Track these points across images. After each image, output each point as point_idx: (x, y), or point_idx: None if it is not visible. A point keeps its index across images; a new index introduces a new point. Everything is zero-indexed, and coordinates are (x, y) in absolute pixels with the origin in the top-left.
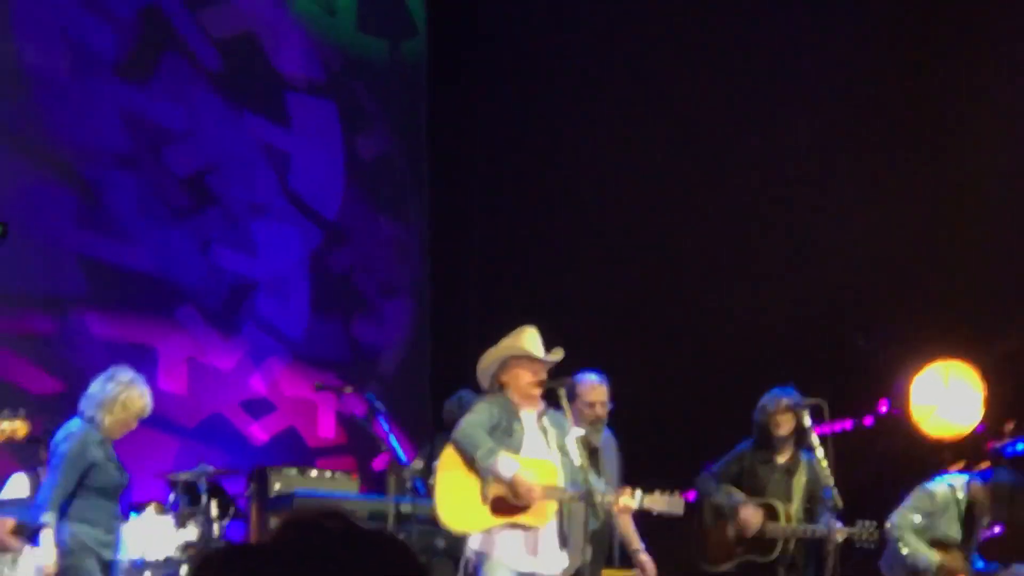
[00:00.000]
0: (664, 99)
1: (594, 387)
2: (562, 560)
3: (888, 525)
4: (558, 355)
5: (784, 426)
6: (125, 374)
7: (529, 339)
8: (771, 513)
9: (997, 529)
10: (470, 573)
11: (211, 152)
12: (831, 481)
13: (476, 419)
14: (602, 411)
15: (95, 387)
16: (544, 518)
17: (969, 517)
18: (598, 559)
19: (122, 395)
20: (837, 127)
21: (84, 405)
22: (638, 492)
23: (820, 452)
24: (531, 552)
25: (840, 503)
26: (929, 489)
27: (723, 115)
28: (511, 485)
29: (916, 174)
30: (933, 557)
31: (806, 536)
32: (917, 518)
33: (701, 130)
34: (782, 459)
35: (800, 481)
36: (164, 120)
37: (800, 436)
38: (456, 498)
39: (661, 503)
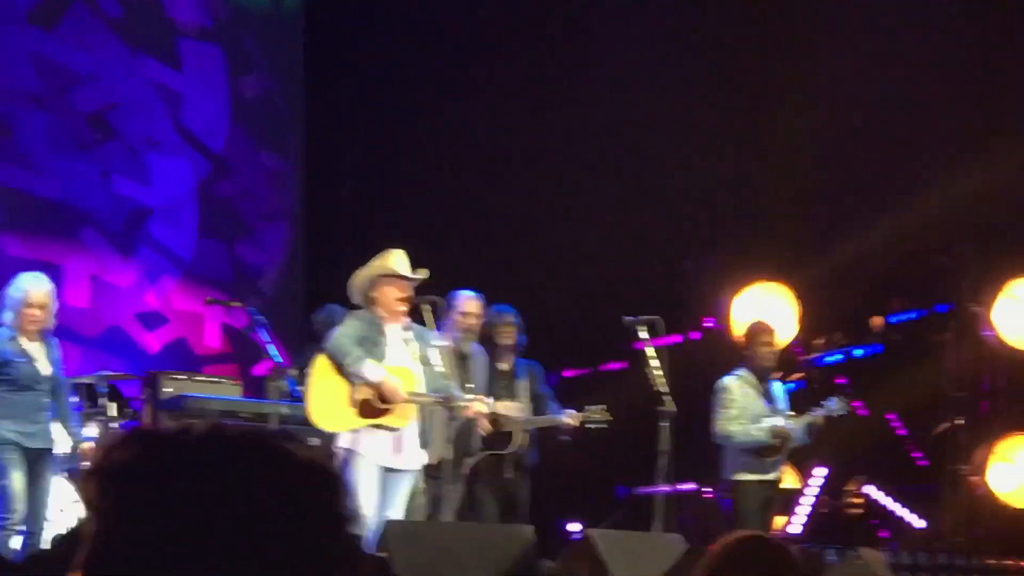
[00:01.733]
0: (514, 53)
1: (469, 300)
2: (422, 457)
3: (714, 433)
4: (423, 274)
5: (506, 337)
6: (22, 276)
7: (396, 259)
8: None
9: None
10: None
11: (112, 92)
12: (665, 387)
13: (346, 331)
14: (474, 322)
15: None
16: (405, 420)
17: (764, 390)
18: (457, 457)
19: (10, 290)
20: (669, 76)
21: None
22: (490, 399)
23: (656, 362)
24: (394, 450)
25: (673, 406)
26: (724, 384)
27: (567, 73)
28: (378, 389)
29: (737, 120)
30: (764, 428)
31: (540, 425)
32: (731, 411)
33: (548, 82)
34: (504, 366)
35: (522, 384)
36: (70, 63)
37: (518, 344)
38: (327, 402)
39: (508, 408)
